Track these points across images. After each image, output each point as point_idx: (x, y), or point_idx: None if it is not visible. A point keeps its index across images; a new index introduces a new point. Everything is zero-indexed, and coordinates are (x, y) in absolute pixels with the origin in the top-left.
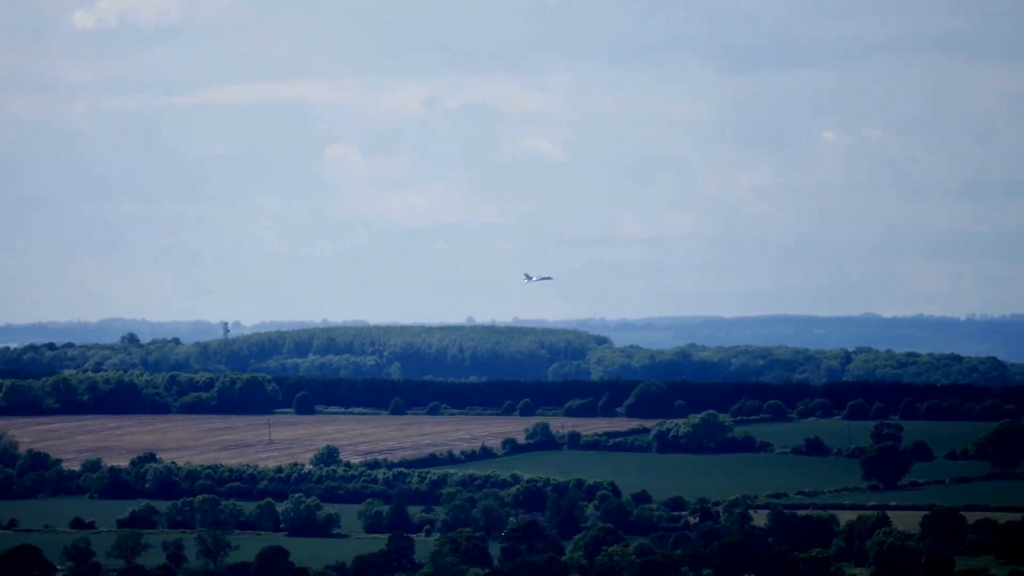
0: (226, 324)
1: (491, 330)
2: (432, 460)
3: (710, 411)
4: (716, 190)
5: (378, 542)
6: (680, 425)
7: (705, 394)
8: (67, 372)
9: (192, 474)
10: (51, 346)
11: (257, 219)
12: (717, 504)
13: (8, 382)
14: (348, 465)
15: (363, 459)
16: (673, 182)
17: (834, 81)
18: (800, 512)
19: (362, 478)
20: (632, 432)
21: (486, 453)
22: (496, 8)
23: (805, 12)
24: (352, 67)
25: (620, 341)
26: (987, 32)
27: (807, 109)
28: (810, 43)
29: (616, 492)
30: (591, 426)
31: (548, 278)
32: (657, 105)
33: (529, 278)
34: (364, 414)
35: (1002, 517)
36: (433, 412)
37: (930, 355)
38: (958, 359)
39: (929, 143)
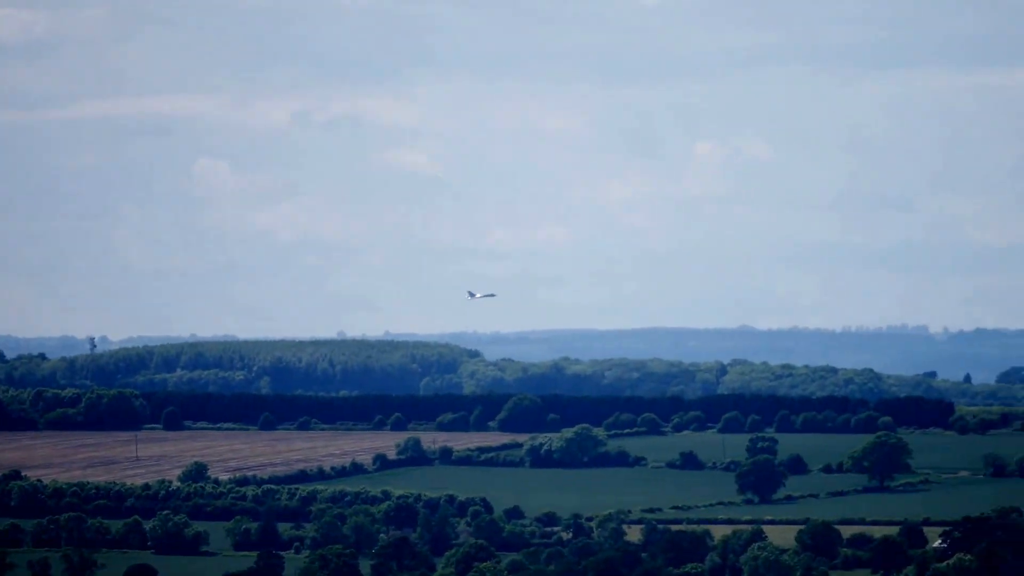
0: (93, 339)
1: (362, 344)
2: (302, 476)
3: (584, 425)
4: (589, 202)
5: (247, 559)
6: (553, 439)
7: (579, 408)
8: None
9: (58, 492)
10: None
11: (125, 233)
12: (591, 519)
13: None
14: (217, 482)
15: (232, 475)
16: (545, 194)
17: (708, 92)
18: (674, 527)
19: (231, 495)
20: (505, 447)
21: (357, 469)
22: (365, 22)
23: (679, 23)
24: (222, 81)
25: (493, 355)
26: (861, 43)
27: (681, 120)
28: (684, 54)
29: (488, 508)
30: (463, 441)
31: (492, 295)
32: (529, 117)
33: (472, 295)
34: (233, 430)
35: (877, 531)
36: (303, 427)
37: (805, 367)
38: (833, 371)
39: (803, 154)
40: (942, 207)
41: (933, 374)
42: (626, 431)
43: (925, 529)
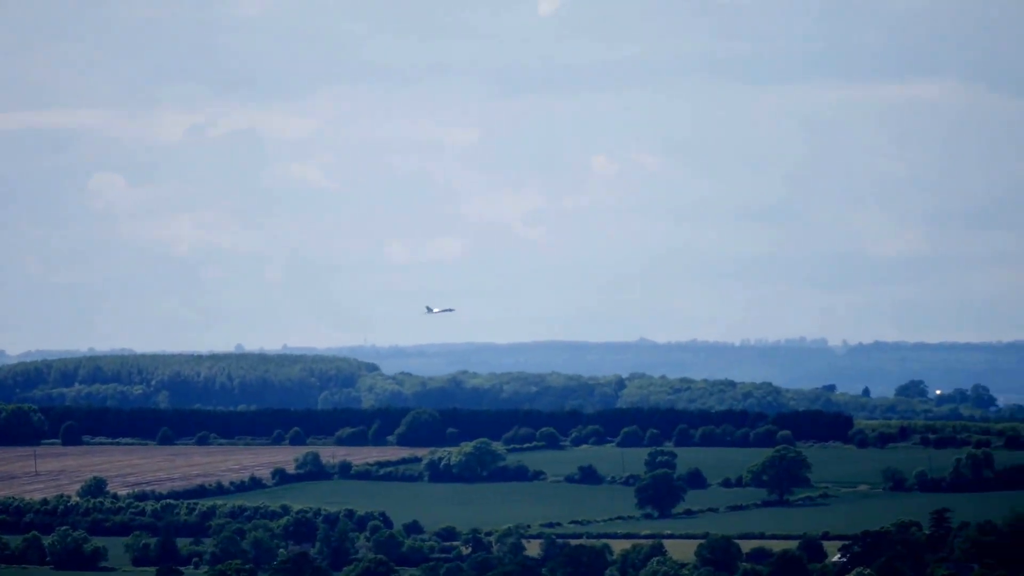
0: None
1: (260, 358)
2: (201, 491)
3: (482, 439)
4: (486, 215)
5: (147, 575)
6: (452, 454)
7: (477, 422)
8: None
9: None
10: None
11: (21, 247)
12: (490, 534)
13: None
14: (116, 497)
15: (131, 490)
16: (442, 207)
17: (604, 105)
18: (573, 541)
19: (130, 510)
20: (403, 461)
21: (256, 484)
22: (260, 36)
23: (574, 35)
24: (117, 95)
25: (391, 368)
26: (757, 55)
27: (577, 134)
28: (579, 66)
29: (387, 523)
30: (362, 455)
31: (450, 310)
32: (425, 130)
33: (430, 310)
34: (132, 444)
35: (776, 545)
36: (202, 442)
37: (704, 381)
38: (732, 385)
39: (700, 167)
40: (842, 220)
41: (832, 387)
42: (525, 445)
43: (824, 543)
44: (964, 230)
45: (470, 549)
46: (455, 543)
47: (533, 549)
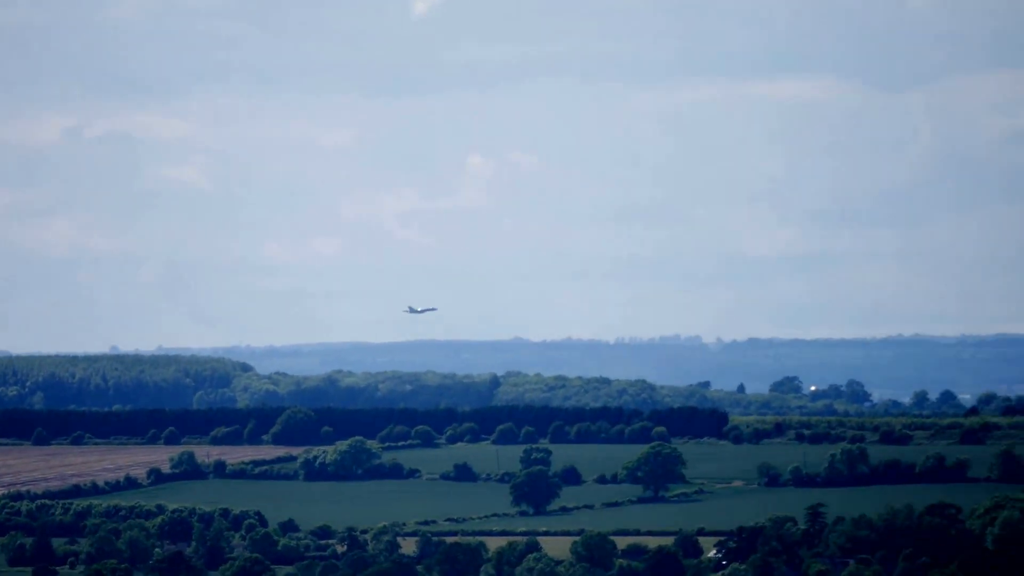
0: None
1: (135, 359)
2: (76, 491)
3: (358, 437)
4: (361, 215)
5: (22, 575)
6: (327, 452)
7: (352, 420)
8: None
9: None
10: None
11: None
12: (365, 532)
13: None
14: None
15: (6, 491)
16: (318, 208)
17: (479, 105)
18: (449, 539)
19: (5, 510)
20: (279, 460)
21: (131, 483)
22: (134, 36)
23: (449, 35)
24: None
25: (266, 368)
26: (633, 54)
27: (453, 133)
28: (454, 66)
29: (263, 521)
30: (237, 454)
31: (433, 309)
32: (301, 131)
33: (413, 310)
34: (6, 445)
35: (652, 542)
36: (77, 442)
37: (579, 378)
38: (607, 382)
39: (576, 167)
40: (717, 218)
41: (707, 384)
42: (400, 443)
43: (700, 539)
44: (839, 227)
45: (345, 547)
46: (330, 541)
47: (408, 547)
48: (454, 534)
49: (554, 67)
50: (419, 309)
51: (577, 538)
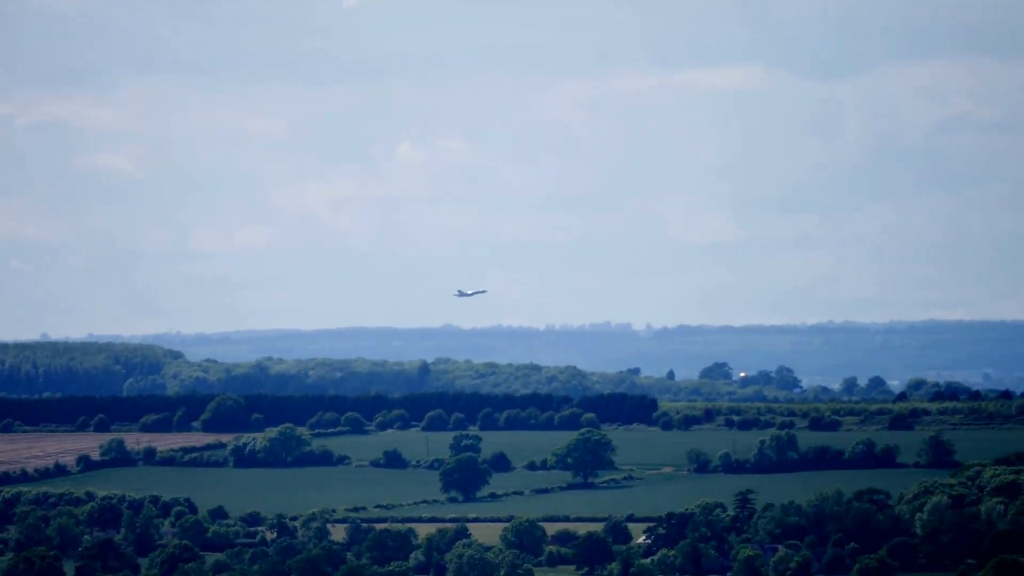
0: None
1: (65, 346)
2: (5, 478)
3: (287, 425)
4: (292, 203)
5: None
6: (257, 439)
7: (282, 407)
8: None
9: None
10: None
11: None
12: (295, 519)
13: None
14: None
15: None
16: (248, 196)
17: (410, 93)
18: (379, 526)
19: None
20: (208, 447)
21: (60, 471)
22: (67, 25)
23: (380, 23)
24: None
25: (196, 356)
26: (564, 42)
27: (384, 121)
28: (385, 56)
29: (192, 508)
30: (167, 441)
31: (483, 291)
32: (231, 119)
33: (463, 293)
34: None
35: (582, 528)
36: (6, 430)
37: (509, 365)
38: (537, 368)
39: (507, 154)
40: (647, 206)
41: (637, 371)
42: (330, 430)
43: (629, 525)
44: (768, 215)
45: (275, 534)
46: (260, 528)
47: (338, 534)
48: (384, 521)
49: (484, 55)
50: (469, 292)
51: (507, 524)
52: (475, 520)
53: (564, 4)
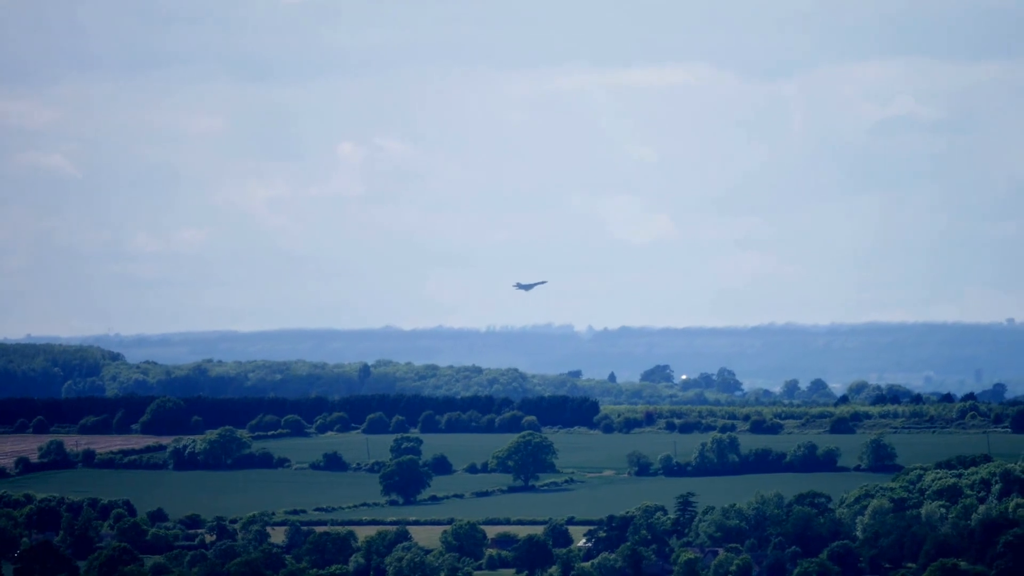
0: None
1: (2, 348)
2: None
3: (227, 427)
4: (230, 203)
5: None
6: (197, 441)
7: (222, 410)
8: None
9: None
10: None
11: None
12: (234, 522)
13: None
14: None
15: None
16: (187, 196)
17: (350, 92)
18: (319, 528)
19: None
20: (148, 449)
21: None
22: (4, 24)
23: (320, 22)
24: None
25: (136, 357)
26: (505, 40)
27: (323, 120)
28: (326, 53)
29: (131, 511)
30: (106, 443)
31: (543, 282)
32: (170, 118)
33: (522, 286)
34: None
35: (522, 531)
36: None
37: (450, 367)
38: (478, 370)
39: (448, 154)
40: (589, 206)
41: (578, 373)
42: (270, 433)
43: (570, 528)
44: (710, 215)
45: (215, 537)
46: (200, 531)
47: (278, 536)
48: (324, 524)
49: (426, 53)
50: (529, 284)
51: (447, 528)
52: (415, 523)
53: (506, 2)
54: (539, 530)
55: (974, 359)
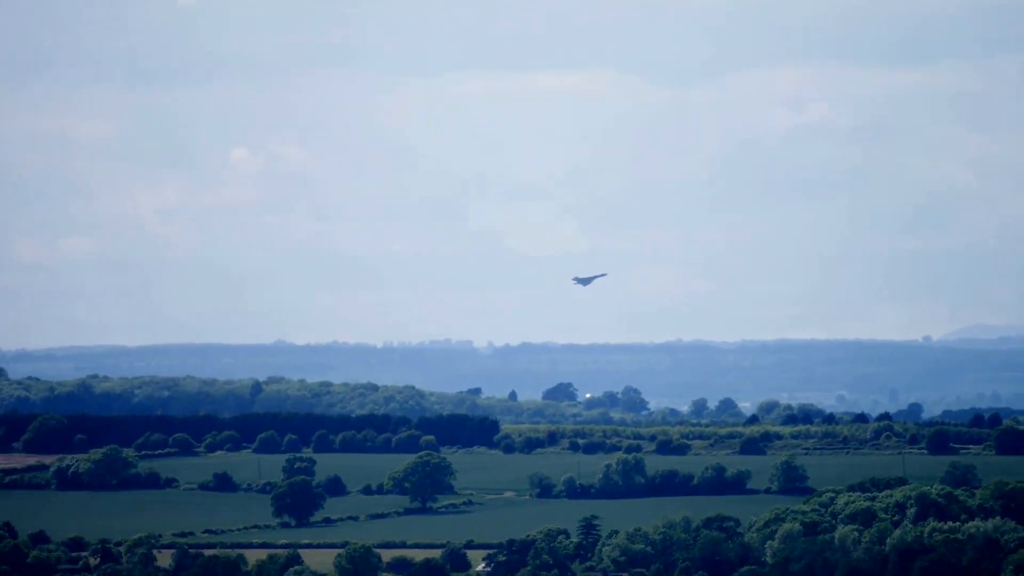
0: None
1: None
2: None
3: (113, 446)
4: (118, 211)
5: None
6: (81, 461)
7: (108, 428)
8: None
9: None
10: None
11: None
12: (119, 544)
13: None
14: None
15: None
16: (72, 204)
17: (245, 97)
18: (207, 551)
19: None
20: (30, 469)
21: None
22: None
23: (215, 25)
24: None
25: (17, 373)
26: (409, 47)
27: (217, 126)
28: (220, 57)
29: (12, 533)
30: None
31: (603, 275)
32: (56, 121)
33: (583, 281)
34: None
35: (419, 554)
36: None
37: (344, 384)
38: (374, 388)
39: (346, 162)
40: (491, 218)
41: (478, 391)
42: (157, 452)
43: (468, 552)
44: (618, 227)
45: (99, 560)
46: (83, 554)
47: (165, 560)
48: (213, 546)
49: (323, 58)
50: (588, 277)
51: (341, 551)
52: (308, 546)
53: (405, 6)
54: (436, 554)
55: (889, 378)
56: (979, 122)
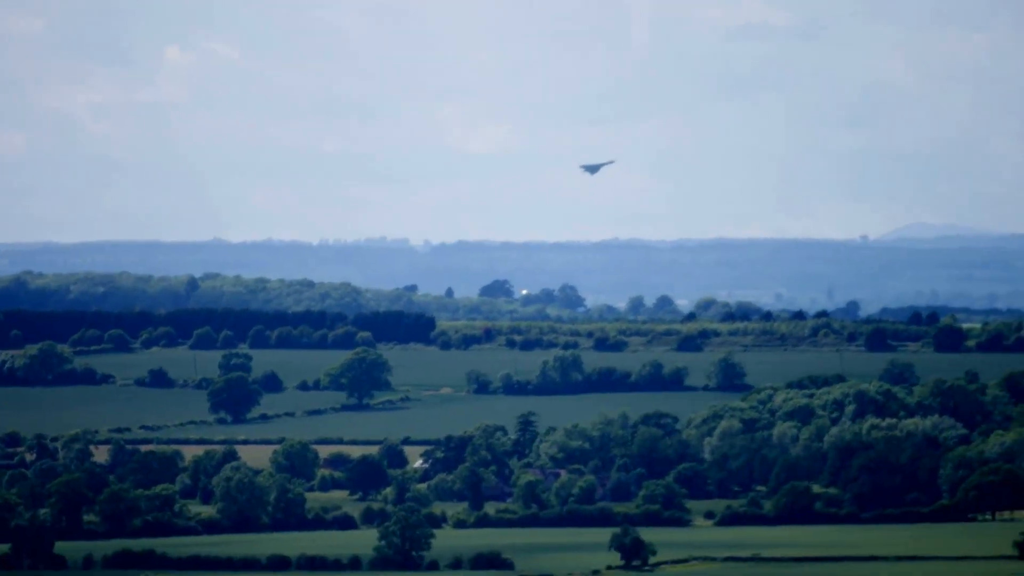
0: None
1: None
2: None
3: (48, 342)
4: (51, 109)
5: None
6: (16, 357)
7: (43, 324)
8: None
9: None
10: None
11: None
12: (55, 440)
13: None
14: None
15: None
16: (5, 98)
17: None
18: (144, 447)
19: None
20: None
21: None
22: None
23: None
24: None
25: None
26: None
27: (150, 23)
28: None
29: None
30: None
31: (611, 162)
32: None
33: (590, 168)
34: None
35: (356, 451)
36: None
37: (281, 281)
38: (310, 284)
39: (279, 59)
40: (423, 114)
41: (414, 288)
42: (93, 348)
43: (405, 449)
44: (554, 125)
45: (35, 456)
46: (19, 449)
47: (101, 455)
48: (149, 442)
49: None
50: (595, 164)
51: (277, 447)
52: (244, 442)
53: None
54: (374, 450)
55: (826, 276)
56: (917, 20)
